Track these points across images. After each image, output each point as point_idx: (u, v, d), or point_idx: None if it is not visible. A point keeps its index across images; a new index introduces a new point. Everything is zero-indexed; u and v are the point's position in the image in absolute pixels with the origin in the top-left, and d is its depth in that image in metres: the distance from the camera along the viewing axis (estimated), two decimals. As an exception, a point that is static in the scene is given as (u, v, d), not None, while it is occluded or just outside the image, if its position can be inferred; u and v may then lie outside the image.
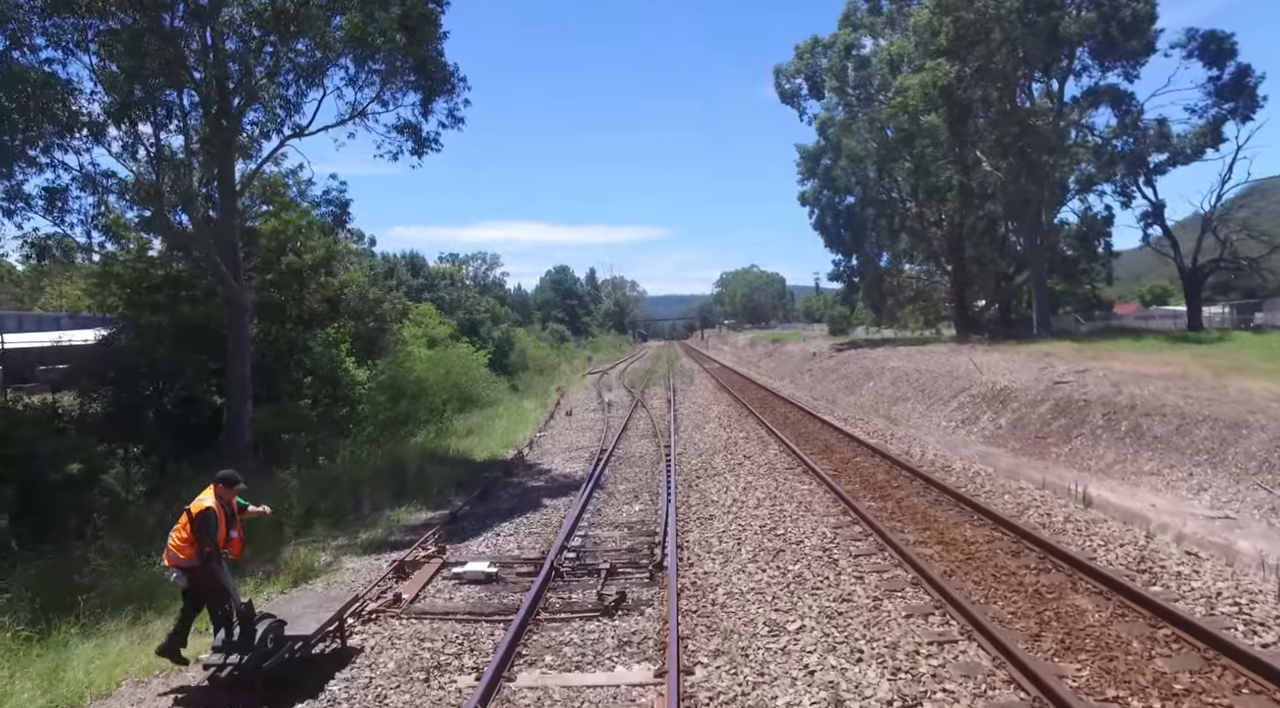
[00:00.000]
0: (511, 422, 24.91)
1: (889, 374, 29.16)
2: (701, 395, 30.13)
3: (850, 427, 19.13)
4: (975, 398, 20.40)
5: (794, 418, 21.53)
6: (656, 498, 12.38)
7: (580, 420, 24.67)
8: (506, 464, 16.74)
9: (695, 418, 22.75)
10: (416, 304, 31.80)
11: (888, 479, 12.42)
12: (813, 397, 30.01)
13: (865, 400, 27.19)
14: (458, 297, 35.71)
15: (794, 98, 45.16)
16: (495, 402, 30.36)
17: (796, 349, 54.40)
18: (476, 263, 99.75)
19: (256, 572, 9.38)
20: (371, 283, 25.40)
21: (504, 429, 23.02)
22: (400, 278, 33.67)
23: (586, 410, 27.74)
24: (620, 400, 30.62)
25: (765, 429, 18.77)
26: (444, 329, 31.96)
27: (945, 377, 24.27)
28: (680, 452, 16.66)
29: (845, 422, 20.17)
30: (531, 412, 28.14)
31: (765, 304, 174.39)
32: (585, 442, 19.80)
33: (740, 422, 21.02)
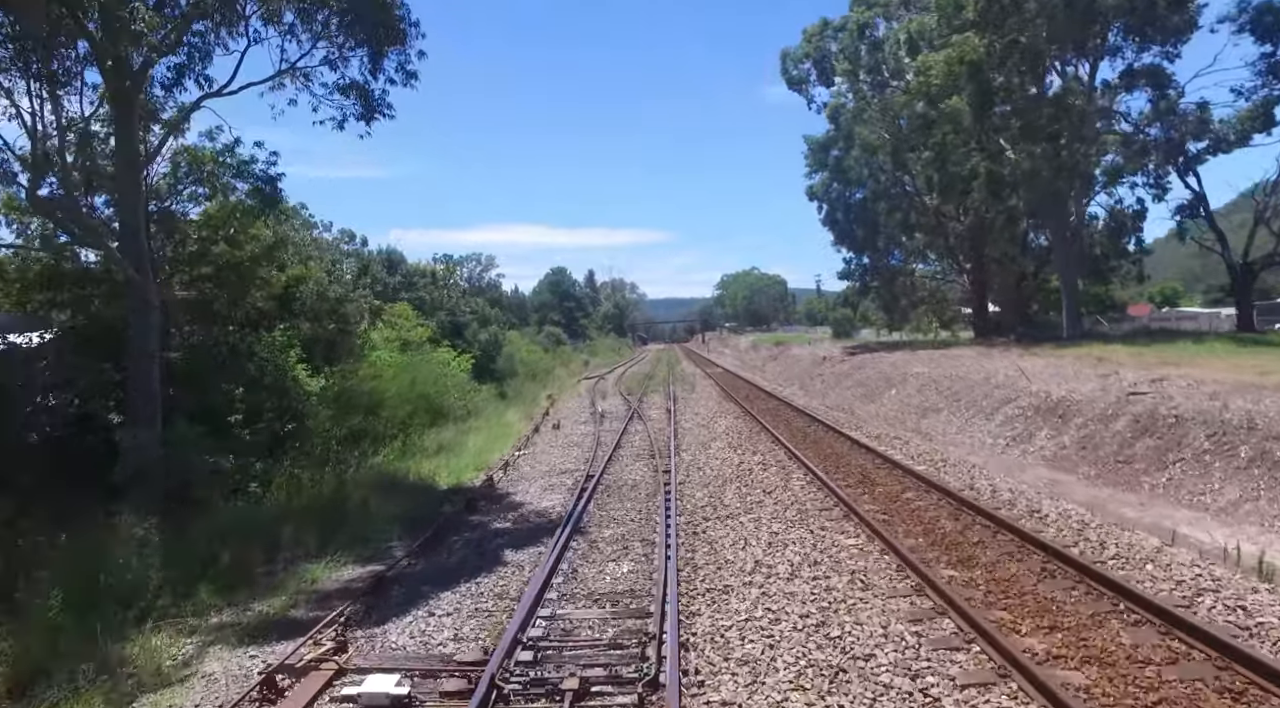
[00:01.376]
0: (491, 437, 21.99)
1: (913, 381, 26.23)
2: (705, 405, 27.19)
3: (884, 446, 16.19)
4: (1026, 411, 17.47)
5: (814, 434, 18.59)
6: (652, 551, 9.45)
7: (568, 435, 21.75)
8: (472, 495, 13.81)
9: (699, 433, 19.81)
10: (391, 304, 28.94)
11: (959, 529, 9.44)
12: (828, 406, 27.08)
13: (888, 411, 24.26)
14: (439, 296, 32.81)
15: (801, 84, 42.36)
16: (476, 412, 27.46)
17: (803, 353, 51.49)
18: (471, 264, 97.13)
19: (57, 682, 6.46)
20: (333, 279, 22.49)
21: (480, 446, 20.10)
22: (375, 275, 30.80)
23: (577, 422, 24.82)
24: (615, 410, 27.69)
25: (784, 450, 15.83)
26: (422, 332, 29.04)
27: (981, 384, 21.35)
28: (682, 480, 13.73)
29: (876, 439, 17.22)
30: (515, 424, 25.23)
31: (766, 307, 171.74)
32: (570, 463, 16.87)
33: (752, 439, 18.09)
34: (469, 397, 26.30)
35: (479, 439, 21.28)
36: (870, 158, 38.67)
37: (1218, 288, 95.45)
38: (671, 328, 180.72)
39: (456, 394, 23.14)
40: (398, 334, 27.58)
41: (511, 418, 26.85)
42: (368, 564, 10.00)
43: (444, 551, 10.36)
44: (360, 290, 26.18)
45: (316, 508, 12.72)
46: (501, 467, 16.62)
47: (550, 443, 20.33)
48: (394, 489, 14.55)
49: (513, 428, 24.07)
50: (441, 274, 34.44)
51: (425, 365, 20.00)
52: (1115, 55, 33.53)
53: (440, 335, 31.45)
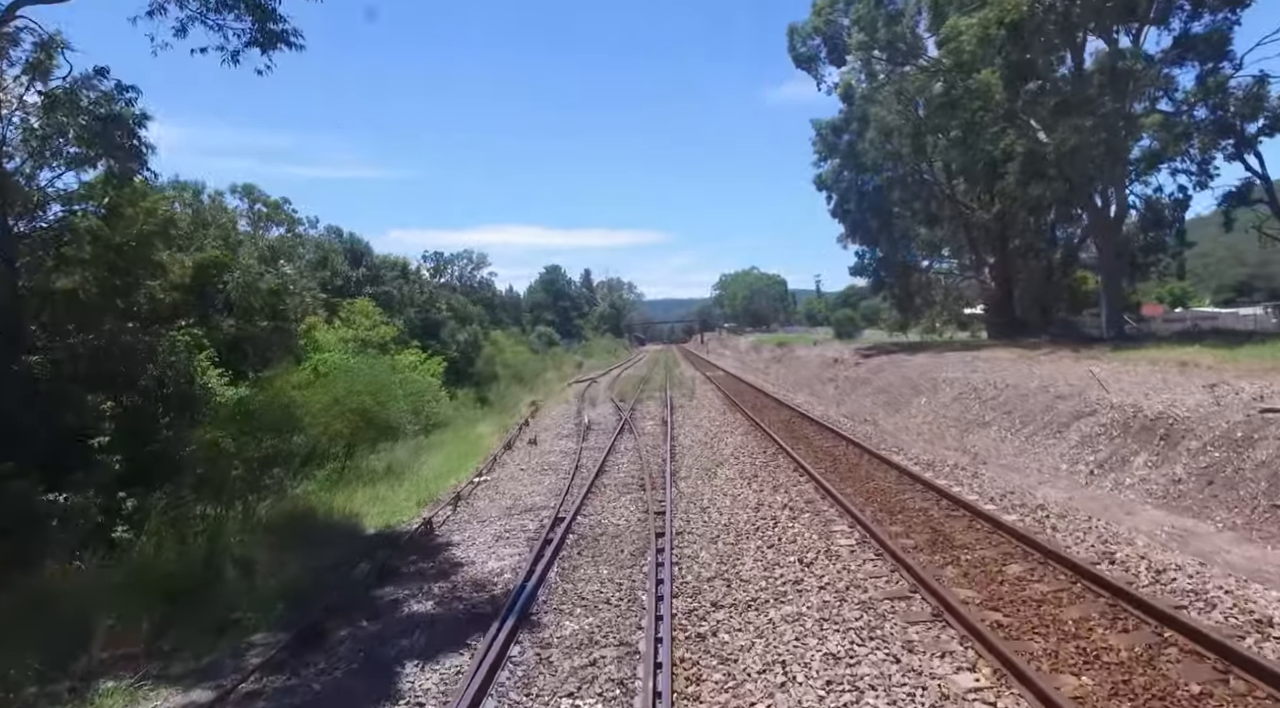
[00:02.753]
0: (453, 455, 18.54)
1: (947, 388, 22.76)
2: (707, 415, 23.70)
3: (942, 477, 12.67)
4: (1109, 429, 13.99)
5: (843, 456, 15.08)
6: (634, 670, 5.98)
7: (545, 453, 18.27)
8: (400, 546, 10.34)
9: (701, 454, 16.32)
10: (351, 300, 25.51)
11: (1127, 644, 5.93)
12: (847, 416, 23.61)
13: (921, 424, 20.80)
14: (410, 292, 29.37)
15: (810, 63, 38.84)
16: (445, 422, 24.02)
17: (810, 354, 47.99)
18: (462, 262, 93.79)
19: None
20: (268, 268, 19.02)
21: (436, 469, 16.64)
22: (336, 268, 27.35)
23: (558, 436, 21.35)
24: (604, 421, 24.22)
25: (811, 482, 12.31)
26: (386, 331, 25.57)
27: (1038, 394, 17.88)
28: (681, 528, 10.25)
29: (926, 466, 13.69)
30: (487, 438, 21.76)
31: (766, 307, 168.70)
32: (539, 496, 13.39)
33: (768, 464, 14.58)
34: (433, 406, 22.83)
35: (438, 459, 17.81)
36: (886, 141, 35.23)
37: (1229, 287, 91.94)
38: (670, 328, 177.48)
39: (409, 405, 19.65)
40: (355, 333, 24.10)
41: (484, 430, 23.40)
42: (194, 687, 6.50)
43: (318, 658, 6.85)
44: (304, 282, 22.73)
45: (180, 571, 9.26)
46: (451, 501, 13.11)
47: (522, 464, 16.84)
48: (302, 536, 11.08)
49: (482, 443, 20.60)
50: (415, 268, 31.08)
51: (369, 370, 16.49)
52: (1162, 24, 30.08)
53: (409, 335, 27.97)
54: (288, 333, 18.55)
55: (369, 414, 15.72)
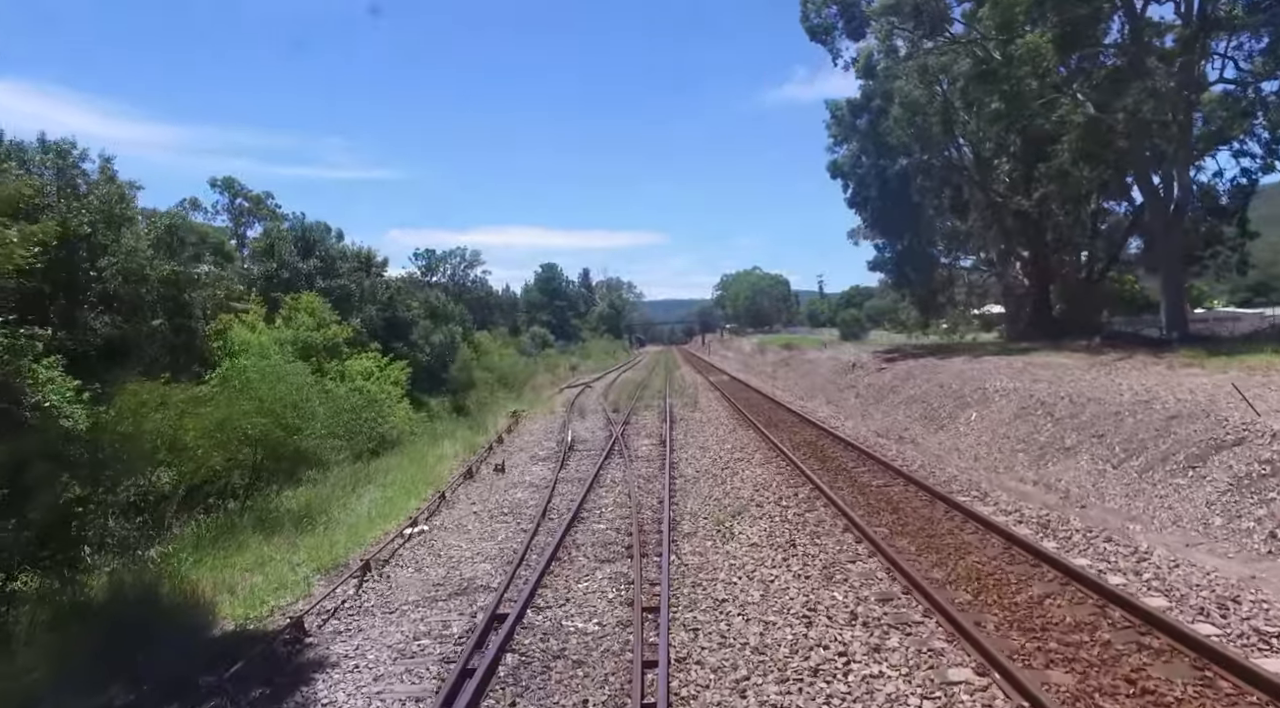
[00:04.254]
0: (395, 487, 14.72)
1: (1001, 400, 18.93)
2: (714, 433, 19.88)
3: (1083, 553, 8.82)
4: (1275, 469, 10.15)
5: (908, 504, 11.08)
6: None
7: (510, 487, 14.45)
8: (238, 674, 6.52)
9: (710, 496, 12.46)
10: (295, 295, 21.72)
11: None
12: (878, 433, 19.84)
13: (974, 445, 16.99)
14: (371, 287, 25.58)
15: (825, 34, 34.98)
16: (402, 441, 20.22)
17: (821, 358, 44.18)
18: (455, 261, 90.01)
19: None
20: (171, 254, 15.19)
21: (365, 510, 12.81)
22: (282, 259, 23.56)
23: (533, 459, 17.54)
24: (591, 438, 20.42)
25: (883, 563, 8.30)
26: (336, 331, 21.76)
27: (1137, 412, 14.02)
28: (685, 652, 6.42)
29: (1043, 527, 9.80)
30: (446, 461, 17.93)
31: (769, 308, 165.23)
32: (484, 565, 9.55)
33: (806, 519, 10.56)
34: (383, 423, 19.03)
35: (375, 494, 13.97)
36: (912, 120, 31.41)
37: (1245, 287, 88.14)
38: (670, 329, 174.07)
39: (345, 423, 15.80)
40: (296, 334, 20.28)
41: (448, 449, 19.57)
42: None
43: None
44: (217, 271, 18.96)
45: None
46: (357, 574, 9.25)
47: (477, 504, 13.00)
48: (114, 638, 7.27)
49: (440, 468, 16.78)
50: (380, 261, 27.27)
51: (271, 383, 12.62)
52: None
53: (367, 336, 24.15)
54: (192, 333, 14.78)
55: (271, 441, 11.94)
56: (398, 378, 23.72)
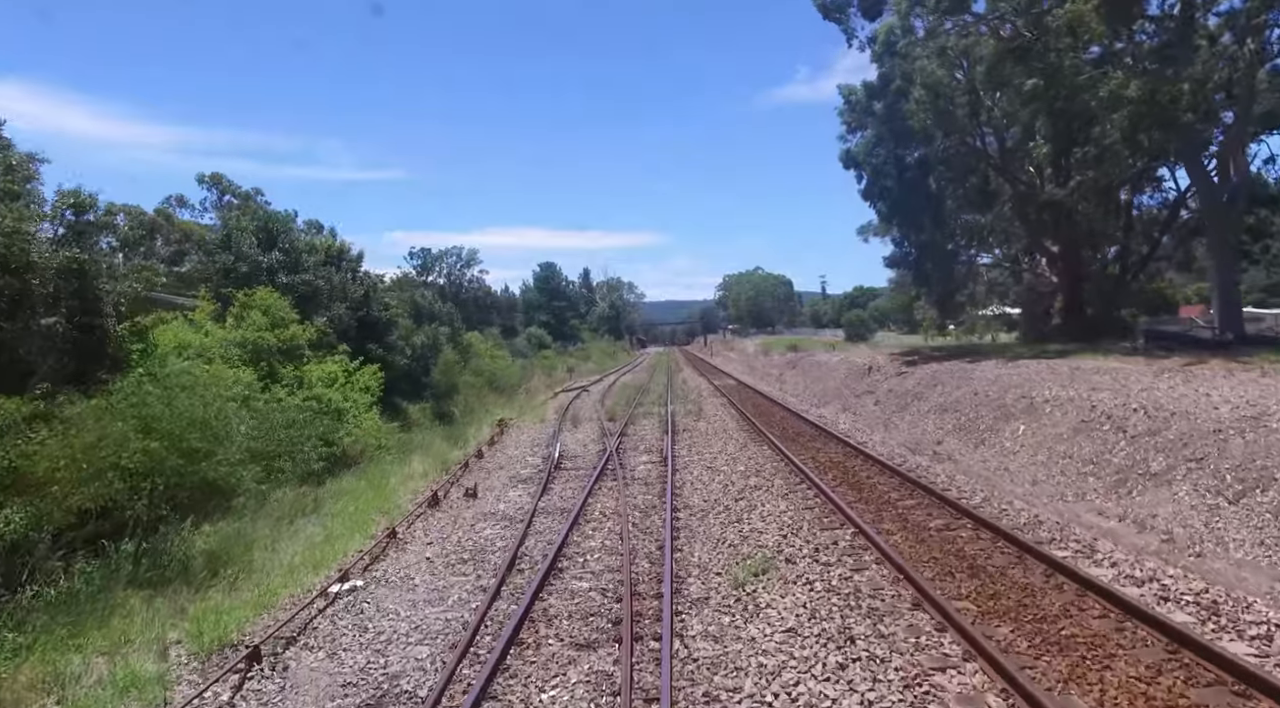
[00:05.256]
0: (341, 520, 12.20)
1: (1055, 412, 16.37)
2: (722, 448, 17.34)
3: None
4: None
5: (982, 555, 8.42)
6: None
7: (479, 521, 11.94)
8: None
9: (724, 538, 9.91)
10: (249, 291, 19.21)
11: None
12: (908, 447, 17.36)
13: (1027, 465, 14.45)
14: (341, 283, 23.06)
15: (840, 12, 32.52)
16: (364, 457, 17.70)
17: (831, 360, 41.64)
18: (451, 260, 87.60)
19: None
20: (78, 239, 12.68)
21: (292, 555, 10.29)
22: (241, 251, 21.04)
23: (512, 481, 15.03)
24: (583, 453, 17.93)
25: (982, 665, 5.78)
26: (297, 332, 19.24)
27: (1244, 428, 11.47)
28: None
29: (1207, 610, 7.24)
30: (411, 483, 15.43)
31: (772, 308, 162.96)
32: (425, 647, 7.03)
33: (855, 580, 8.09)
34: (342, 437, 16.52)
35: (309, 533, 11.46)
36: (936, 103, 28.86)
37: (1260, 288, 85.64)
38: (671, 330, 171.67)
39: (283, 442, 13.25)
40: (245, 334, 17.77)
41: (417, 467, 17.09)
42: None
43: None
44: (140, 261, 16.48)
45: None
46: (243, 664, 6.72)
47: (432, 547, 10.48)
48: None
49: (399, 495, 14.26)
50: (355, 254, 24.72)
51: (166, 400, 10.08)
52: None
53: (335, 338, 21.62)
54: (99, 333, 12.30)
55: (165, 469, 9.40)
56: (368, 384, 21.18)
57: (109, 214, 41.06)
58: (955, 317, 40.62)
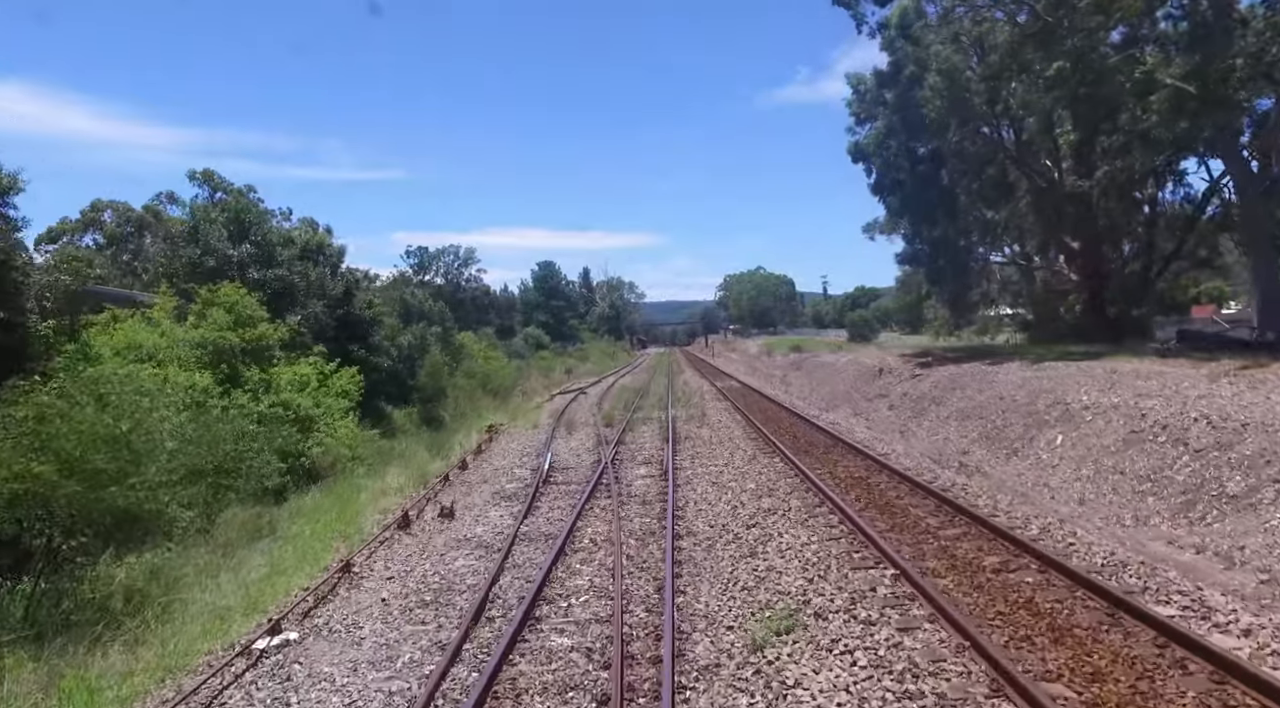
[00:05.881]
0: (294, 547, 10.65)
1: (1097, 420, 14.80)
2: (728, 459, 15.76)
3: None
4: None
5: (1060, 607, 6.69)
6: None
7: (451, 548, 10.37)
8: None
9: (735, 576, 8.30)
10: (213, 286, 17.65)
11: None
12: (933, 458, 15.79)
13: (1070, 480, 12.90)
14: (319, 278, 21.50)
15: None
16: (334, 468, 16.16)
17: (838, 362, 40.07)
18: (448, 259, 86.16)
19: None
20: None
21: (225, 595, 8.72)
22: (209, 244, 19.49)
23: (495, 498, 13.45)
24: (576, 464, 16.36)
25: None
26: (266, 332, 17.70)
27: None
28: None
29: None
30: (384, 500, 13.87)
31: (774, 308, 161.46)
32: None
33: (904, 644, 6.42)
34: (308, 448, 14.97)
35: (254, 565, 9.90)
36: (952, 89, 27.27)
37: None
38: (672, 330, 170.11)
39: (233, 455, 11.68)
40: (205, 334, 16.21)
41: (391, 482, 15.51)
42: None
43: None
44: (72, 250, 14.96)
45: None
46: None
47: (391, 585, 8.90)
48: None
49: (366, 515, 12.70)
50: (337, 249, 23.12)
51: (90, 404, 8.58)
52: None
53: (311, 337, 20.07)
54: (19, 332, 10.75)
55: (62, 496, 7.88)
56: (346, 388, 19.65)
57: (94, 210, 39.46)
58: (967, 316, 39.03)
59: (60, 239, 44.76)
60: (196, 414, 13.00)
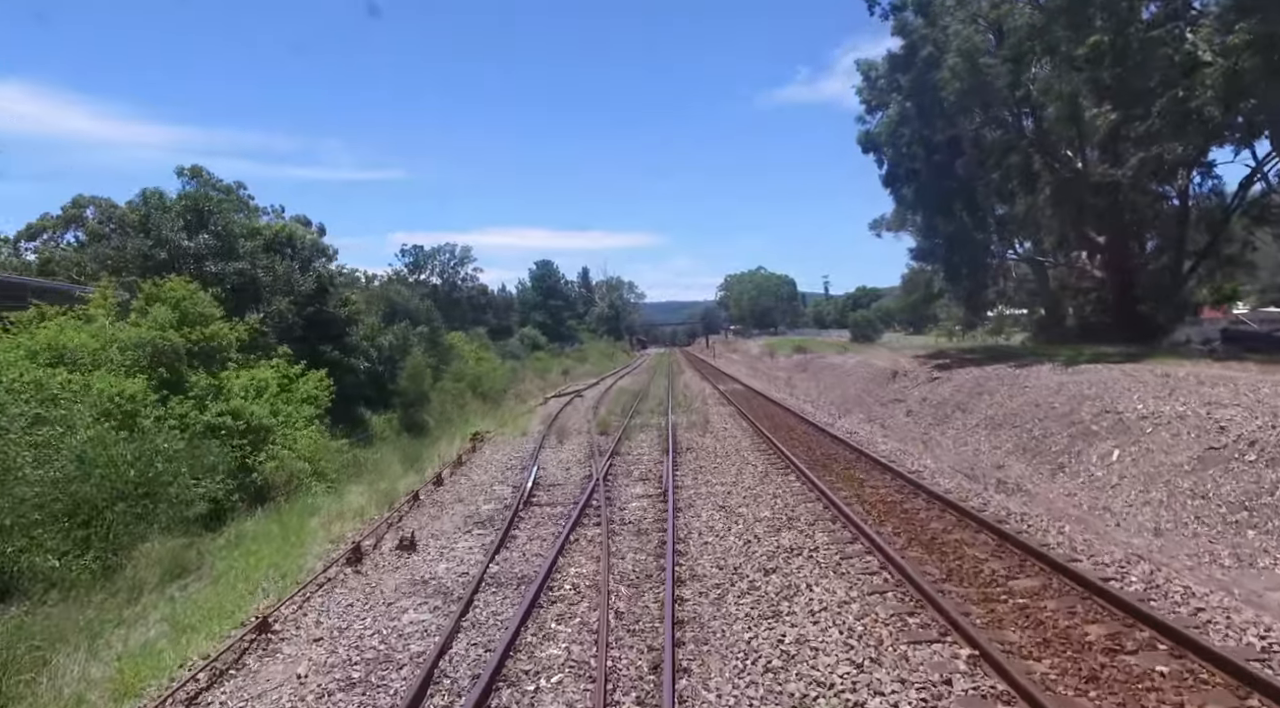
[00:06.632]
0: (211, 594, 8.76)
1: (1158, 431, 12.92)
2: (736, 475, 13.85)
3: None
4: None
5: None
6: None
7: (401, 600, 8.48)
8: None
9: (756, 646, 6.41)
10: (158, 280, 15.79)
11: None
12: (965, 473, 13.89)
13: (1135, 503, 11.06)
14: (286, 273, 19.62)
15: (863, -25, 29.10)
16: (289, 488, 14.27)
17: (846, 363, 38.20)
18: (444, 257, 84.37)
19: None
20: None
21: (85, 681, 6.82)
22: (161, 235, 17.62)
23: (466, 523, 11.55)
24: (564, 480, 14.47)
25: None
26: (219, 331, 15.80)
27: None
28: None
29: None
30: (332, 528, 11.97)
31: (774, 308, 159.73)
32: None
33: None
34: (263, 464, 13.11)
35: (153, 620, 8.02)
36: (973, 70, 25.37)
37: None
38: (672, 331, 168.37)
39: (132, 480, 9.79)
40: (142, 333, 14.31)
41: (351, 503, 13.65)
42: None
43: None
44: None
45: None
46: None
47: (314, 653, 7.00)
48: None
49: (310, 547, 10.81)
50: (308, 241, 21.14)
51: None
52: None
53: (275, 337, 18.18)
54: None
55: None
56: (312, 393, 17.76)
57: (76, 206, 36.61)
58: (983, 314, 37.17)
59: (40, 236, 42.87)
60: (123, 427, 11.14)
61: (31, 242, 41.81)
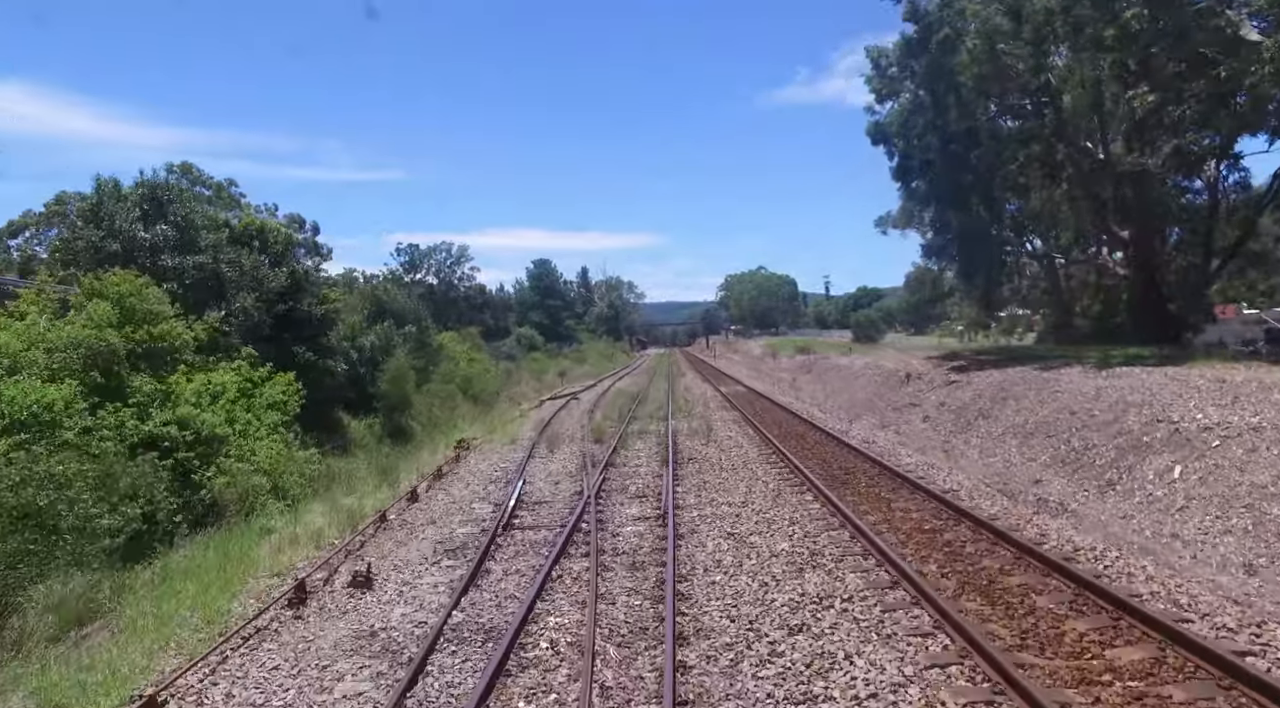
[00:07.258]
0: (103, 655, 7.17)
1: (1227, 446, 11.36)
2: (745, 493, 12.26)
3: None
4: None
5: None
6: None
7: (342, 655, 6.89)
8: None
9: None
10: (99, 274, 14.23)
11: None
12: (999, 488, 12.35)
13: (1210, 533, 9.53)
14: (253, 268, 18.05)
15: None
16: (244, 508, 12.70)
17: (853, 365, 36.66)
18: (440, 256, 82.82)
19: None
20: None
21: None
22: (114, 226, 16.03)
23: (435, 553, 9.98)
24: (552, 497, 12.90)
25: None
26: (171, 330, 14.23)
27: None
28: None
29: None
30: (279, 558, 10.40)
31: (774, 309, 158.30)
32: None
33: None
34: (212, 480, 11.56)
35: (19, 696, 6.39)
36: (993, 53, 23.82)
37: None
38: (672, 331, 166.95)
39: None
40: (75, 333, 12.73)
41: (313, 523, 12.07)
42: None
43: None
44: None
45: None
46: None
47: None
48: None
49: (246, 584, 9.23)
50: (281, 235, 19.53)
51: None
52: None
53: (239, 337, 16.61)
54: None
55: None
56: (279, 399, 16.18)
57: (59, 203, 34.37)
58: (997, 313, 35.64)
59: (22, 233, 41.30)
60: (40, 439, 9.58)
61: (14, 239, 40.20)
